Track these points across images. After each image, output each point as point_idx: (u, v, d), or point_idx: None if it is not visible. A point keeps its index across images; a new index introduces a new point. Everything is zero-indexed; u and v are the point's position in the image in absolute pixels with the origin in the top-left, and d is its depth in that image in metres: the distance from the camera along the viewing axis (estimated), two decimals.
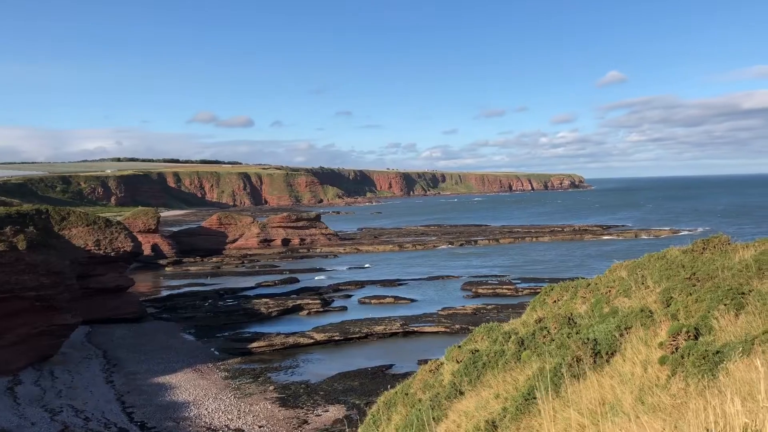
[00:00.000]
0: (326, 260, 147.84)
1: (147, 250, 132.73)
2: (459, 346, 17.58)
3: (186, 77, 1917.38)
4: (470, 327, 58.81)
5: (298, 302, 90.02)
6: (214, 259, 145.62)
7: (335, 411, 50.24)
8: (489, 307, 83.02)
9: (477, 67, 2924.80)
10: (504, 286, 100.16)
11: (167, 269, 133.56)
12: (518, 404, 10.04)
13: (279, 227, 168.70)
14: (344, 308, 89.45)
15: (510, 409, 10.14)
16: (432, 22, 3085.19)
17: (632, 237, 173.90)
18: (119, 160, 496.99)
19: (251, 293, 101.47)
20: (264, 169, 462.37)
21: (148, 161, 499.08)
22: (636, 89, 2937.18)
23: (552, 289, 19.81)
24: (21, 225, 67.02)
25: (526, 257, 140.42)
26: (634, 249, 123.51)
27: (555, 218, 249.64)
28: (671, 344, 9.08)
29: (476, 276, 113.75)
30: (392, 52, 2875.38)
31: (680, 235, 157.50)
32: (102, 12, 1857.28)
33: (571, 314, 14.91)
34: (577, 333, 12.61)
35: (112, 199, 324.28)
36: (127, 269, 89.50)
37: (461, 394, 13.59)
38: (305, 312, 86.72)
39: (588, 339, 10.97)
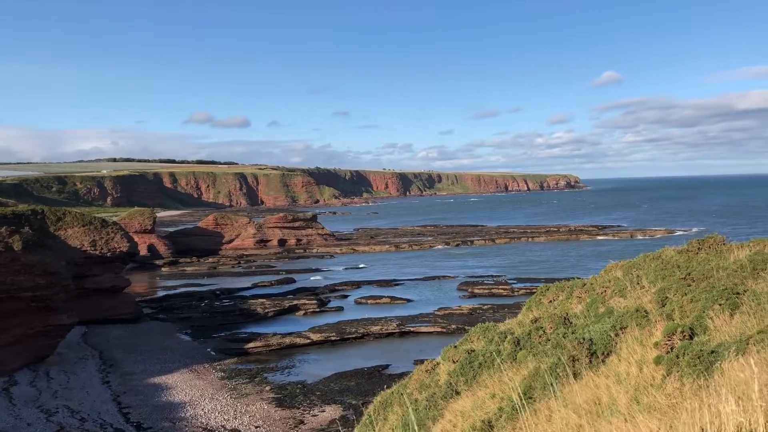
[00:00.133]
0: (323, 260, 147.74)
1: (143, 251, 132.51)
2: (455, 346, 17.60)
3: (182, 77, 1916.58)
4: (466, 327, 58.73)
5: (295, 302, 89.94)
6: (211, 260, 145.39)
7: (332, 411, 50.23)
8: (485, 308, 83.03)
9: (473, 68, 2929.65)
10: (500, 287, 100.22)
11: (163, 270, 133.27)
12: (514, 404, 10.07)
13: (275, 227, 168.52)
14: (341, 308, 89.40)
15: (506, 409, 10.17)
16: (428, 23, 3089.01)
17: (628, 237, 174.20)
18: (115, 161, 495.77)
19: (247, 293, 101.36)
20: (260, 170, 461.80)
21: (144, 161, 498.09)
22: (631, 90, 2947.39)
23: (548, 290, 19.85)
24: (17, 225, 66.86)
25: (522, 257, 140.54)
26: (630, 249, 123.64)
27: (551, 218, 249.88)
28: (666, 344, 9.11)
29: (472, 276, 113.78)
30: (389, 53, 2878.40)
31: (675, 236, 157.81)
32: (98, 12, 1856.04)
33: (567, 314, 14.95)
34: (573, 333, 12.64)
35: (108, 200, 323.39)
36: (123, 270, 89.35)
37: (457, 394, 13.62)
38: (302, 312, 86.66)
39: (584, 339, 11.01)
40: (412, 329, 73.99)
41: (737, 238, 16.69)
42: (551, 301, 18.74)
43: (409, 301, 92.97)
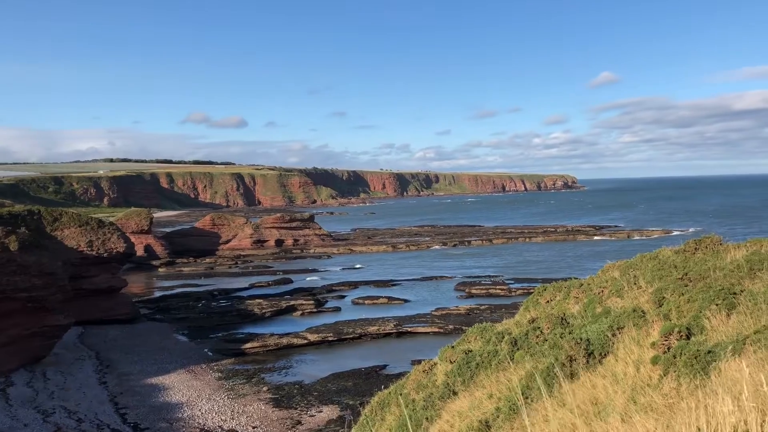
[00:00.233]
0: (320, 261, 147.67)
1: (140, 251, 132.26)
2: (452, 347, 17.60)
3: (179, 77, 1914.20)
4: (463, 327, 58.86)
5: (292, 303, 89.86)
6: (208, 260, 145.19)
7: (329, 411, 50.20)
8: (482, 308, 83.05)
9: (470, 68, 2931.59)
10: (497, 287, 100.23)
11: (160, 270, 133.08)
12: (511, 404, 10.08)
13: (272, 228, 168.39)
14: (338, 309, 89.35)
15: (503, 409, 10.18)
16: (426, 23, 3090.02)
17: (625, 237, 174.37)
18: (112, 161, 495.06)
19: (244, 294, 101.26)
20: (257, 170, 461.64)
21: (141, 162, 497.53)
22: (628, 90, 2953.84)
23: (545, 290, 19.87)
24: (13, 226, 66.70)
25: (519, 258, 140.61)
26: (627, 249, 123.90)
27: (548, 219, 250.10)
28: (663, 344, 9.13)
29: (469, 276, 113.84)
30: (386, 53, 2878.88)
31: (672, 236, 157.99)
32: (95, 12, 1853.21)
33: (564, 314, 14.96)
34: (570, 333, 12.65)
35: (105, 200, 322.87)
36: (120, 270, 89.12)
37: (455, 395, 13.62)
38: (299, 313, 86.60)
39: (581, 339, 11.02)
40: (410, 329, 73.99)
41: (734, 239, 16.73)
42: (548, 302, 18.75)
43: (407, 302, 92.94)
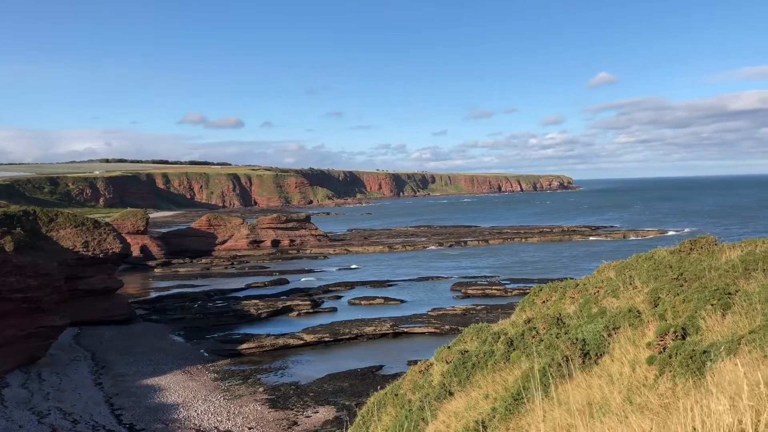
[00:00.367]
0: (316, 261, 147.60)
1: (136, 252, 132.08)
2: (448, 347, 17.60)
3: (176, 78, 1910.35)
4: (460, 328, 58.83)
5: (288, 303, 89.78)
6: (204, 261, 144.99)
7: (325, 412, 50.17)
8: (478, 308, 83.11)
9: (467, 68, 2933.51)
10: (493, 287, 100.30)
11: (156, 271, 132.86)
12: (507, 404, 10.08)
13: (268, 228, 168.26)
14: (334, 309, 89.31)
15: (499, 410, 10.18)
16: (422, 24, 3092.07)
17: (620, 238, 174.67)
18: (107, 161, 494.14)
19: (241, 294, 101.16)
20: (253, 170, 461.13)
21: (137, 162, 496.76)
22: (625, 91, 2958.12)
23: (541, 290, 19.89)
24: (8, 226, 66.58)
25: (515, 258, 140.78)
26: (622, 249, 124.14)
27: (544, 219, 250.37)
28: (659, 344, 9.14)
29: (466, 277, 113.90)
30: (383, 53, 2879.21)
31: (668, 236, 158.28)
32: (91, 12, 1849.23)
33: (560, 314, 14.98)
34: (566, 333, 12.67)
35: (101, 201, 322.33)
36: (116, 271, 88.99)
37: (451, 395, 13.62)
38: (295, 313, 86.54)
39: (577, 339, 11.03)
40: (406, 330, 74.00)
41: (729, 239, 16.79)
42: (544, 302, 18.77)
43: (403, 302, 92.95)
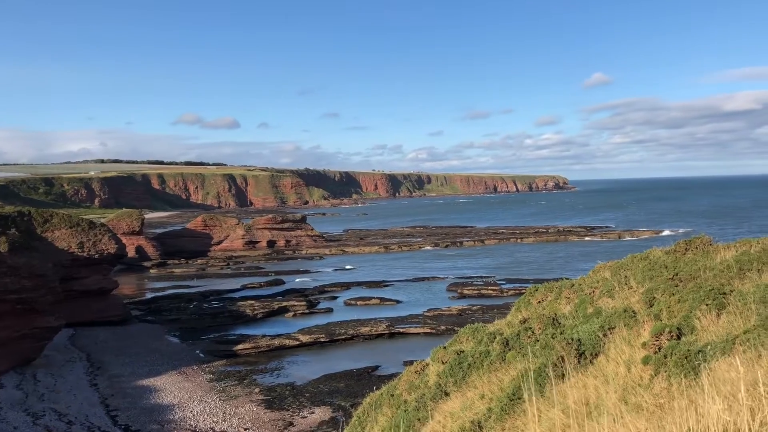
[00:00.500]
0: (312, 262, 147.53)
1: (131, 252, 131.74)
2: (444, 347, 17.61)
3: (171, 78, 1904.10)
4: (455, 328, 58.83)
5: (284, 304, 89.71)
6: (199, 261, 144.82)
7: (321, 413, 50.15)
8: (474, 308, 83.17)
9: (463, 69, 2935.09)
10: (489, 287, 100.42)
11: (152, 271, 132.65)
12: (503, 405, 10.09)
13: (264, 229, 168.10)
14: (330, 310, 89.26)
15: (495, 410, 10.19)
16: (418, 24, 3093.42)
17: (616, 238, 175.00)
18: (103, 162, 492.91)
19: (236, 295, 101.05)
20: (249, 171, 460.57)
21: (132, 163, 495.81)
22: (620, 91, 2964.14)
23: (536, 290, 19.91)
24: (3, 227, 66.31)
25: (511, 258, 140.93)
26: (618, 250, 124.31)
27: (539, 219, 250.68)
28: (654, 344, 9.16)
29: (461, 277, 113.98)
30: (379, 54, 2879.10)
31: (663, 236, 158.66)
32: (86, 12, 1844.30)
33: (556, 315, 15.00)
34: (562, 333, 12.68)
35: (96, 201, 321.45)
36: (111, 271, 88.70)
37: (447, 395, 13.63)
38: (291, 314, 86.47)
39: (572, 339, 11.05)
40: (402, 330, 74.01)
41: (724, 239, 16.82)
42: (540, 302, 18.79)
43: (399, 303, 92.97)
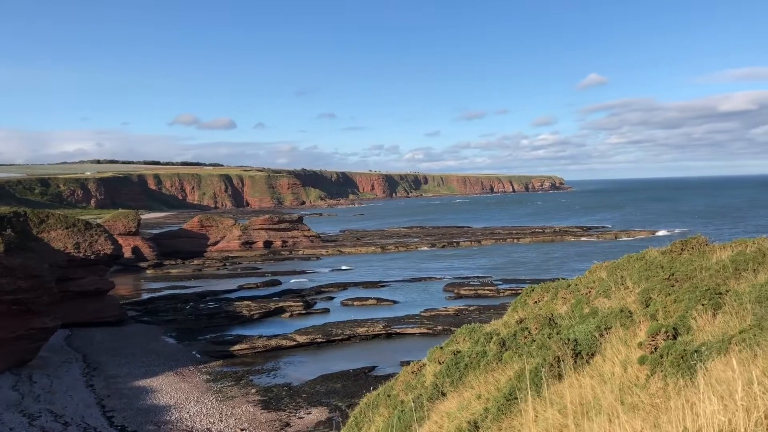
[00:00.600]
0: (308, 262, 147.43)
1: (127, 253, 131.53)
2: (441, 348, 17.62)
3: (168, 79, 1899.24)
4: (452, 328, 58.92)
5: (280, 304, 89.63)
6: (196, 262, 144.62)
7: (318, 413, 50.11)
8: (471, 309, 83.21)
9: (459, 69, 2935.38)
10: (485, 288, 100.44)
11: (148, 272, 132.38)
12: (500, 405, 10.10)
13: (261, 229, 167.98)
14: (327, 310, 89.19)
15: (492, 410, 10.20)
16: (414, 25, 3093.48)
17: (612, 238, 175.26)
18: (99, 162, 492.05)
19: (233, 296, 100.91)
20: (245, 171, 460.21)
21: (129, 163, 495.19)
22: (616, 91, 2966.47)
23: (533, 290, 19.94)
24: None
25: (508, 258, 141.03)
26: (614, 250, 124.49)
27: (536, 220, 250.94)
28: (650, 344, 9.18)
29: (458, 277, 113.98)
30: (375, 54, 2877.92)
31: (659, 236, 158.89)
32: (83, 13, 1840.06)
33: (552, 315, 15.02)
34: (558, 333, 12.70)
35: (92, 202, 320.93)
36: (108, 272, 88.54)
37: (443, 395, 13.64)
38: (287, 314, 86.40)
39: (568, 339, 11.06)
40: (399, 331, 74.01)
41: (720, 239, 16.86)
42: (536, 302, 18.81)
43: (396, 303, 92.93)
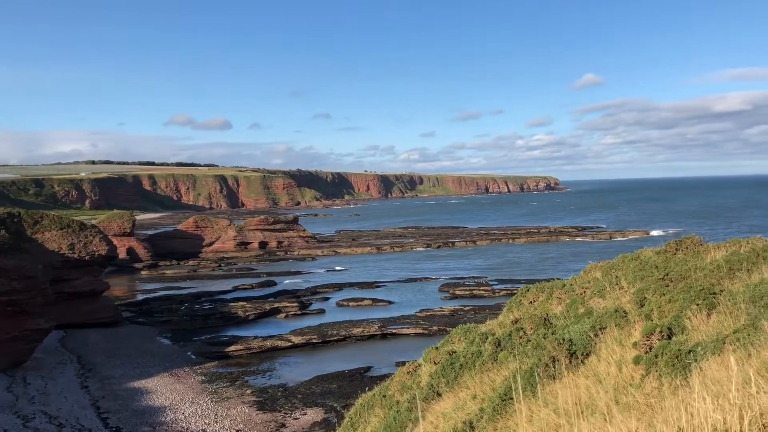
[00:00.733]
0: (304, 263, 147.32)
1: (122, 254, 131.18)
2: (436, 348, 17.63)
3: (163, 79, 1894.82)
4: (448, 328, 58.90)
5: (276, 305, 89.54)
6: (191, 263, 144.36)
7: (313, 414, 50.08)
8: (466, 309, 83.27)
9: (455, 70, 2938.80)
10: (481, 288, 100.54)
11: (143, 273, 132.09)
12: (495, 405, 10.10)
13: (256, 230, 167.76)
14: (322, 311, 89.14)
15: (487, 410, 10.20)
16: (410, 25, 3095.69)
17: (607, 238, 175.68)
18: (94, 163, 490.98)
19: (228, 296, 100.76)
20: (241, 172, 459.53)
21: (123, 164, 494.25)
22: (611, 92, 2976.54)
23: (528, 290, 19.96)
24: None
25: (503, 259, 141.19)
26: (609, 250, 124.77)
27: (531, 220, 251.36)
28: (645, 344, 9.20)
29: (453, 278, 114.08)
30: (371, 54, 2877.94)
31: (654, 236, 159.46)
32: (78, 13, 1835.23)
33: (547, 315, 15.04)
34: (553, 333, 12.71)
35: (87, 203, 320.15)
36: (102, 273, 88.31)
37: (439, 396, 13.64)
38: (283, 315, 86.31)
39: (563, 339, 11.07)
40: (394, 331, 74.01)
41: (714, 239, 16.91)
42: (531, 302, 18.84)
43: (391, 303, 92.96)
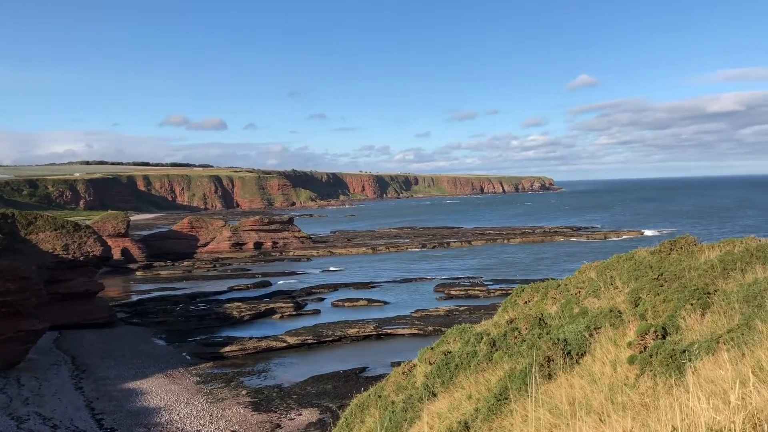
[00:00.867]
0: (299, 263, 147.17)
1: (117, 255, 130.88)
2: (432, 348, 17.64)
3: (158, 79, 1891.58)
4: (443, 329, 59.01)
5: (271, 306, 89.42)
6: (186, 263, 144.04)
7: (308, 415, 50.03)
8: (461, 309, 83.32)
9: (450, 70, 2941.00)
10: (476, 288, 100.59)
11: (137, 274, 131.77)
12: (490, 405, 10.11)
13: (251, 230, 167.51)
14: (317, 311, 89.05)
15: (482, 410, 10.21)
16: (405, 26, 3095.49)
17: (601, 238, 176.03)
18: (88, 164, 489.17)
19: (223, 297, 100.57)
20: (236, 172, 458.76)
21: (118, 164, 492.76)
22: (606, 93, 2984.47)
23: (523, 291, 19.99)
24: None
25: (498, 259, 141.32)
26: (603, 250, 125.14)
27: (526, 220, 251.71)
28: (640, 344, 9.22)
29: (449, 278, 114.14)
30: (366, 55, 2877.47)
31: (648, 237, 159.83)
32: (71, 14, 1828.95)
33: (542, 315, 15.06)
34: (548, 333, 12.73)
35: (81, 203, 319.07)
36: (97, 274, 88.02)
37: (434, 396, 13.64)
38: (278, 315, 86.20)
39: (558, 339, 11.09)
40: (389, 331, 74.00)
41: (708, 239, 16.97)
42: (526, 302, 18.86)
43: (386, 304, 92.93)
